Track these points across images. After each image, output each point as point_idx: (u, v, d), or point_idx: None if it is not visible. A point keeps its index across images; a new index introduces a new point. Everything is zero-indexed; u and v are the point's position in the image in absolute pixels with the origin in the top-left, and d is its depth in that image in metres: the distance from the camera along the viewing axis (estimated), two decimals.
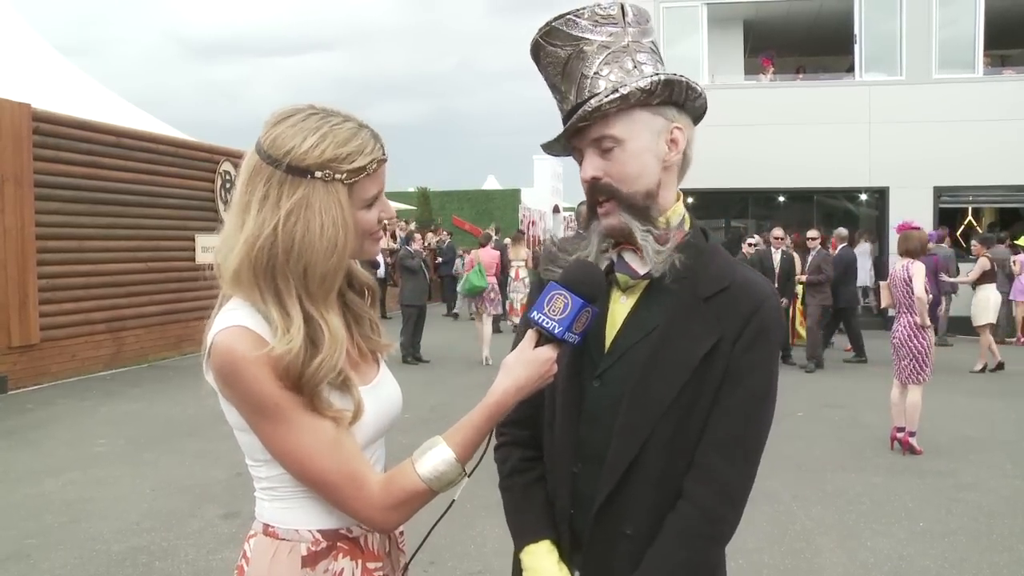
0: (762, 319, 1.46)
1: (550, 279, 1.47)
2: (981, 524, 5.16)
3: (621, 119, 1.47)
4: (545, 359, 1.43)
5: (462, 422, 1.44)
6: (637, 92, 1.44)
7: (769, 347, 1.48)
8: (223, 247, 1.43)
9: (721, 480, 1.44)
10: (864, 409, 8.32)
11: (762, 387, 1.47)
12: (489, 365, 11.60)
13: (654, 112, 1.49)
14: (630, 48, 1.48)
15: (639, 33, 1.50)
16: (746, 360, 1.45)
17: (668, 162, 1.51)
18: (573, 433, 1.54)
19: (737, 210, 18.49)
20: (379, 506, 1.39)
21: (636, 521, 1.47)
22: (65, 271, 10.25)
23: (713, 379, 1.45)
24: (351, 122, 1.42)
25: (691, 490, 1.45)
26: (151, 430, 7.65)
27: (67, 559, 4.56)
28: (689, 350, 1.45)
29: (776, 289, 4.34)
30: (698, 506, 1.44)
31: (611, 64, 1.47)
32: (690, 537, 1.44)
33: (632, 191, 1.49)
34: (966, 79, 15.66)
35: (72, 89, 12.53)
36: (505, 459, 1.68)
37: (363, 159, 1.40)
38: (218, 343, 1.35)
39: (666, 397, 1.44)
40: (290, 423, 1.35)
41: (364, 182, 1.42)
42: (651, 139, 1.49)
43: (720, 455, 1.45)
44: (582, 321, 1.43)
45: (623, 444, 1.46)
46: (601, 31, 1.47)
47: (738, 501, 1.47)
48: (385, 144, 1.46)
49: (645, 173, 1.49)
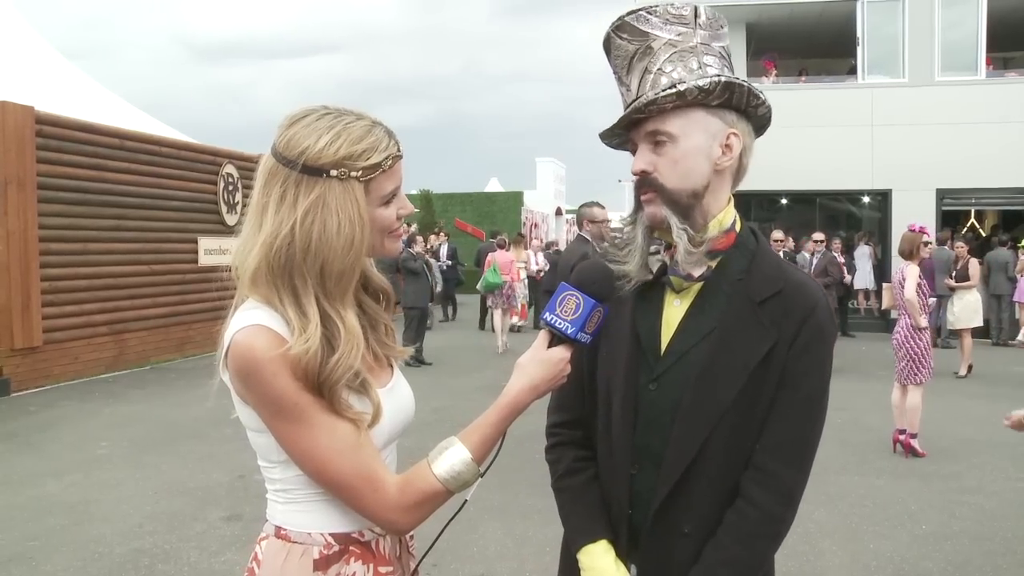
0: (816, 322, 1.47)
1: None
2: (984, 527, 5.15)
3: (677, 116, 1.47)
4: (559, 359, 1.46)
5: (477, 422, 1.46)
6: (695, 90, 1.44)
7: (823, 349, 1.49)
8: (242, 250, 1.43)
9: (779, 482, 1.46)
10: (867, 411, 8.31)
11: (817, 389, 1.49)
12: (507, 350, 12.96)
13: (712, 113, 1.48)
14: (697, 49, 1.48)
15: (709, 36, 1.50)
16: (802, 363, 1.46)
17: (720, 166, 1.50)
18: (630, 436, 1.55)
19: (740, 212, 18.43)
20: (396, 507, 1.40)
21: (694, 521, 1.49)
22: (68, 273, 10.26)
23: (770, 382, 1.46)
24: (364, 120, 1.42)
25: (750, 491, 1.47)
26: (153, 433, 7.66)
27: (69, 562, 4.57)
28: (746, 354, 1.46)
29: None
30: (757, 507, 1.46)
31: (676, 62, 1.47)
32: (749, 536, 1.46)
33: (678, 188, 1.49)
34: (969, 81, 15.64)
35: (75, 92, 12.55)
36: (559, 459, 1.69)
37: (378, 156, 1.40)
38: (237, 342, 1.35)
39: (724, 401, 1.46)
40: (309, 424, 1.35)
41: (380, 179, 1.42)
42: (705, 140, 1.49)
43: (778, 457, 1.47)
44: (594, 321, 1.46)
45: (681, 447, 1.48)
46: (670, 29, 1.48)
47: (795, 501, 1.49)
48: (400, 141, 1.46)
49: (694, 173, 1.49)
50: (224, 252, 13.29)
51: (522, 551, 4.63)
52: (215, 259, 13.01)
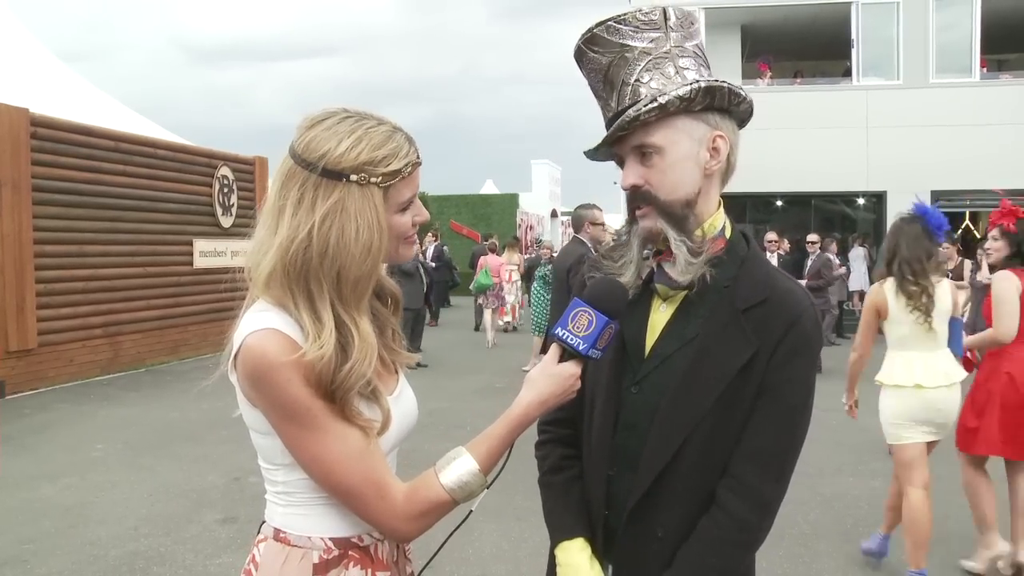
0: (799, 333, 1.46)
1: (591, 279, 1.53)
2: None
3: (661, 127, 1.46)
4: (569, 374, 1.46)
5: (485, 433, 1.45)
6: (676, 100, 1.43)
7: (806, 360, 1.48)
8: (256, 252, 1.41)
9: (755, 491, 1.45)
10: (862, 413, 8.28)
11: (798, 400, 1.48)
12: (495, 346, 13.95)
13: (696, 119, 1.48)
14: (672, 53, 1.47)
15: (682, 38, 1.49)
16: (783, 374, 1.45)
17: (710, 170, 1.50)
18: (610, 437, 1.56)
19: (735, 214, 18.32)
20: (402, 516, 1.39)
21: (667, 524, 1.50)
22: (63, 276, 10.24)
23: (749, 391, 1.45)
24: (385, 125, 1.41)
25: (724, 499, 1.46)
26: (149, 435, 7.64)
27: (64, 564, 4.55)
28: (726, 362, 1.45)
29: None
30: (731, 514, 1.45)
31: (652, 71, 1.46)
32: (721, 543, 1.46)
33: (671, 199, 1.49)
34: (963, 83, 15.71)
35: (70, 94, 12.53)
36: (546, 456, 1.71)
37: (398, 162, 1.39)
38: (250, 345, 1.34)
39: (702, 407, 1.46)
40: (320, 429, 1.34)
41: (399, 185, 1.41)
42: (692, 147, 1.48)
43: (754, 466, 1.45)
44: (605, 337, 1.45)
45: (657, 450, 1.48)
46: (643, 37, 1.47)
47: (770, 511, 1.48)
48: (419, 148, 1.45)
49: (685, 181, 1.49)
50: (220, 255, 13.27)
51: (518, 553, 4.64)
52: (210, 261, 12.99)
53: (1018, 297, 4.15)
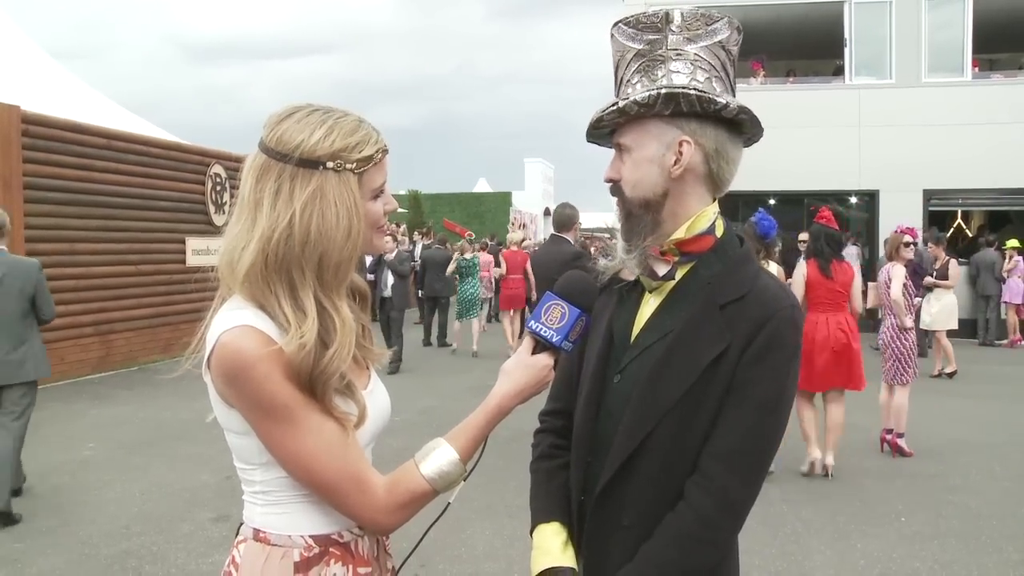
0: (773, 330, 1.45)
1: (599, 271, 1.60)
2: (970, 526, 5.18)
3: (633, 128, 1.53)
4: (543, 365, 1.53)
5: (463, 424, 1.49)
6: (633, 105, 1.48)
7: (779, 358, 1.46)
8: (233, 247, 1.41)
9: (722, 488, 1.45)
10: (854, 411, 8.34)
11: (770, 399, 1.46)
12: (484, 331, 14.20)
13: (668, 123, 1.50)
14: (667, 56, 1.50)
15: (685, 40, 1.51)
16: (754, 371, 1.45)
17: (673, 174, 1.51)
18: (592, 425, 1.59)
19: (727, 213, 18.39)
20: (383, 508, 1.41)
21: (632, 514, 1.51)
22: (54, 274, 10.15)
23: (718, 386, 1.46)
24: (352, 116, 1.45)
25: (691, 494, 1.46)
26: (140, 434, 7.63)
27: (56, 563, 4.54)
28: (697, 355, 1.47)
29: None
30: (695, 509, 1.45)
31: (641, 73, 1.52)
32: (684, 539, 1.45)
33: (631, 197, 1.56)
34: (955, 83, 15.74)
35: (62, 92, 12.47)
36: (537, 444, 1.77)
37: (370, 148, 1.43)
38: (224, 343, 1.34)
39: (671, 397, 1.47)
40: (298, 424, 1.35)
41: (372, 172, 1.44)
42: (658, 149, 1.51)
43: (723, 463, 1.45)
44: (577, 330, 1.53)
45: (625, 437, 1.50)
46: (641, 39, 1.53)
47: (738, 510, 1.47)
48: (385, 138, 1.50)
49: (645, 182, 1.53)
50: (212, 252, 13.23)
51: (510, 551, 4.64)
52: (203, 259, 12.95)
53: (803, 280, 6.35)
